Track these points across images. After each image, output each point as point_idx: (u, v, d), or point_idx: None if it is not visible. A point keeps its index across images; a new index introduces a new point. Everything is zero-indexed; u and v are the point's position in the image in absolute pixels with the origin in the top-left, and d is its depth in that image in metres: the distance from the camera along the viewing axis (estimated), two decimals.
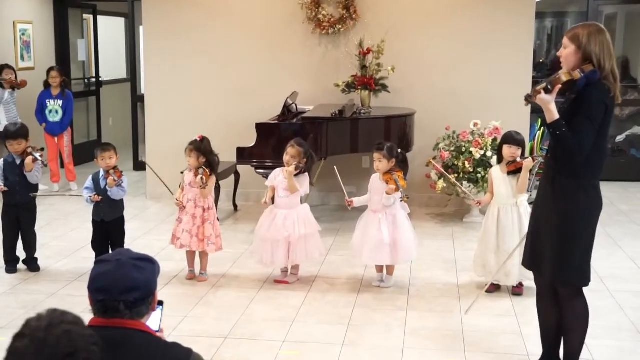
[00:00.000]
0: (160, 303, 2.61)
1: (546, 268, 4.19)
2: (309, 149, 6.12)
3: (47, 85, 9.62)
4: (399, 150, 6.00)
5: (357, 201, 6.03)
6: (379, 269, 6.10)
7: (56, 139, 9.67)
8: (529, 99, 3.95)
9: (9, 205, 6.33)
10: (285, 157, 5.99)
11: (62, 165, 9.85)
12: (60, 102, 9.59)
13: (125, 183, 6.02)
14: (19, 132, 6.29)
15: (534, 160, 5.61)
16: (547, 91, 3.90)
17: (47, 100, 9.58)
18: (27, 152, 6.20)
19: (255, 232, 6.13)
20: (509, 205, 5.70)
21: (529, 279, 5.72)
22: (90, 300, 2.42)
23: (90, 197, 5.98)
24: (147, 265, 2.45)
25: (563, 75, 3.92)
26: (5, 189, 6.21)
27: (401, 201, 5.77)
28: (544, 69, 11.65)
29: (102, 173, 5.99)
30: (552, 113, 3.91)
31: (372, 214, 5.95)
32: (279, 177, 6.02)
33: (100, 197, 5.95)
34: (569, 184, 4.05)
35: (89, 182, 6.07)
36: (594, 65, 3.92)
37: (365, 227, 5.96)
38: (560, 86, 3.91)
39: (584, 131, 3.90)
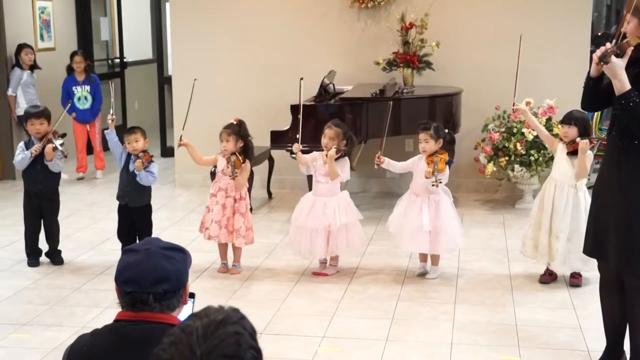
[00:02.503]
0: (192, 296, 2.60)
1: (611, 255, 4.12)
2: (349, 130, 6.09)
3: (70, 70, 9.66)
4: (446, 130, 5.96)
5: (387, 163, 5.98)
6: (423, 258, 6.08)
7: (88, 126, 9.74)
8: (604, 59, 3.78)
9: (30, 195, 6.37)
10: (324, 140, 5.96)
11: (90, 152, 9.91)
12: (87, 87, 9.64)
13: (155, 169, 6.03)
14: (43, 111, 6.34)
15: (590, 142, 5.52)
16: (618, 56, 3.81)
17: (74, 87, 9.61)
18: (48, 138, 6.20)
19: (292, 221, 6.12)
20: (567, 185, 5.62)
21: (579, 270, 5.68)
22: (118, 293, 2.42)
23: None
24: (178, 255, 2.44)
25: (632, 39, 3.82)
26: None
27: (432, 185, 5.72)
28: (604, 42, 11.47)
29: (132, 157, 6.02)
30: (623, 82, 3.82)
31: (414, 197, 5.93)
32: (318, 161, 6.00)
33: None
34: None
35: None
36: None
37: (406, 211, 5.95)
38: (631, 50, 3.79)
39: None
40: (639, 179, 3.98)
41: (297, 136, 6.24)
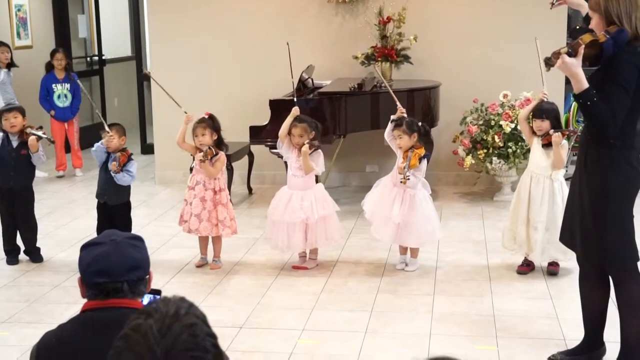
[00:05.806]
0: (158, 293, 2.63)
1: (578, 246, 4.21)
2: (312, 120, 6.11)
3: (49, 68, 9.64)
4: (420, 123, 5.99)
5: (388, 132, 6.03)
6: (403, 250, 6.12)
7: (66, 124, 9.73)
8: (549, 62, 3.84)
9: (2, 192, 6.31)
10: (294, 140, 5.98)
11: (68, 151, 9.89)
12: (67, 85, 9.63)
13: (133, 167, 6.02)
14: (15, 106, 6.31)
15: (563, 135, 5.59)
16: (570, 55, 3.83)
17: (54, 85, 9.60)
18: (27, 132, 6.15)
19: (268, 216, 6.15)
20: (542, 176, 5.69)
21: (558, 259, 5.74)
22: (84, 285, 2.46)
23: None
24: (141, 244, 2.53)
25: (585, 36, 3.85)
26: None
27: (401, 182, 5.76)
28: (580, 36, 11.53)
29: (111, 155, 6.00)
30: (580, 81, 3.84)
31: (391, 185, 5.97)
32: (291, 154, 6.03)
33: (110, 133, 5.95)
34: (601, 157, 4.03)
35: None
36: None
37: (381, 197, 6.01)
38: (583, 48, 3.81)
39: (617, 100, 3.84)
40: (600, 170, 4.04)
41: (294, 99, 6.31)
